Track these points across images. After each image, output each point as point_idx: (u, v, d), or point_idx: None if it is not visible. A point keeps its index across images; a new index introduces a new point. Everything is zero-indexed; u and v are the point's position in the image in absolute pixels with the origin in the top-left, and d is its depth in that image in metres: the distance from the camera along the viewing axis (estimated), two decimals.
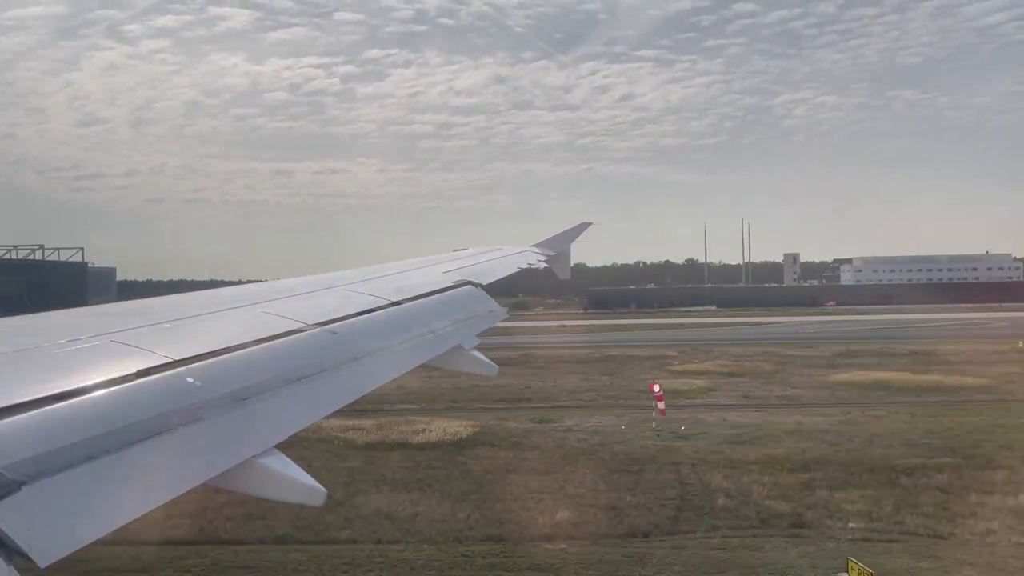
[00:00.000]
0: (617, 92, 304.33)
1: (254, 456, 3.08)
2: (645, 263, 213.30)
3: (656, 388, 31.19)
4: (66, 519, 2.30)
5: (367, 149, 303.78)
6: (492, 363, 5.65)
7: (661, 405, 30.27)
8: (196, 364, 3.29)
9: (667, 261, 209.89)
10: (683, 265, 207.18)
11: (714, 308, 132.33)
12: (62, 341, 3.35)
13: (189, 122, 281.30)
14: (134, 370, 3.08)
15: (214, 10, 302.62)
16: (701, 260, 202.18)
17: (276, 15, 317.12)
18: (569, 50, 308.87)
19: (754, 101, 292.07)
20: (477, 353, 5.58)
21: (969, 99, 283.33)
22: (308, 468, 3.24)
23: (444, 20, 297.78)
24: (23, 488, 2.23)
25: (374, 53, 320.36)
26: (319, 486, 3.17)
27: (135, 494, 2.56)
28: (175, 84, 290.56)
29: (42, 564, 2.14)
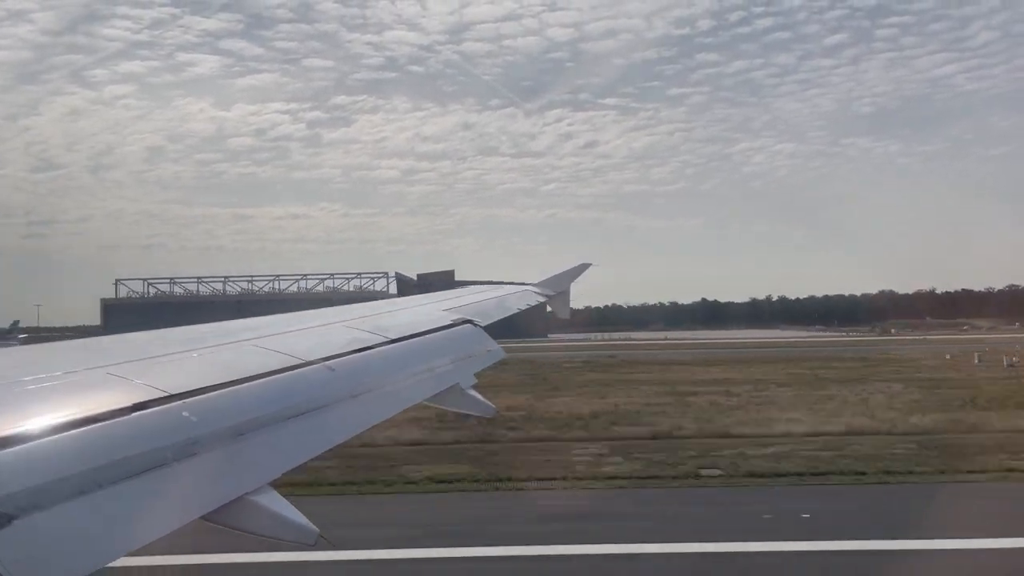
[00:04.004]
0: (581, 139, 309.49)
1: (248, 493, 3.04)
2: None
3: None
4: (57, 553, 2.26)
5: (331, 194, 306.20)
6: (490, 404, 5.60)
7: None
8: (192, 398, 3.26)
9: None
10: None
11: None
12: (58, 373, 3.33)
13: (150, 167, 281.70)
14: (129, 403, 3.05)
15: (183, 56, 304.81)
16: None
17: (245, 61, 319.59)
18: (535, 97, 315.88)
19: (715, 149, 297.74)
20: (475, 393, 5.53)
21: (919, 146, 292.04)
22: None
23: (414, 67, 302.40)
24: (14, 522, 2.19)
25: (342, 99, 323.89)
26: (311, 526, 3.13)
27: (127, 529, 2.52)
28: (138, 129, 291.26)
29: None
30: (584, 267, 15.76)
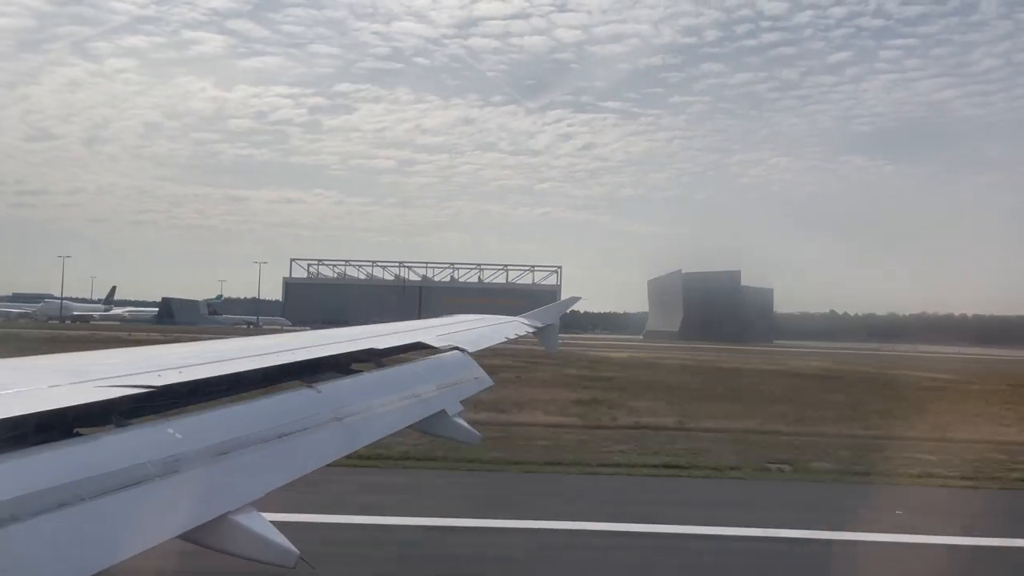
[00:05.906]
0: (580, 141, 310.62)
1: (229, 512, 3.02)
2: None
3: None
4: (35, 566, 2.23)
5: (326, 181, 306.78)
6: (475, 431, 5.59)
7: None
8: (178, 415, 3.25)
9: None
10: None
11: None
12: (43, 385, 3.31)
13: (146, 143, 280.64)
14: (115, 418, 3.04)
15: (188, 34, 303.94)
16: None
17: (251, 43, 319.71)
18: (538, 96, 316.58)
19: (713, 158, 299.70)
20: (460, 420, 5.53)
21: (912, 168, 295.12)
22: None
23: (419, 59, 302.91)
24: None
25: (345, 87, 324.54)
26: (292, 547, 3.11)
27: (106, 544, 2.49)
28: (136, 104, 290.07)
29: None
30: (573, 300, 15.80)
